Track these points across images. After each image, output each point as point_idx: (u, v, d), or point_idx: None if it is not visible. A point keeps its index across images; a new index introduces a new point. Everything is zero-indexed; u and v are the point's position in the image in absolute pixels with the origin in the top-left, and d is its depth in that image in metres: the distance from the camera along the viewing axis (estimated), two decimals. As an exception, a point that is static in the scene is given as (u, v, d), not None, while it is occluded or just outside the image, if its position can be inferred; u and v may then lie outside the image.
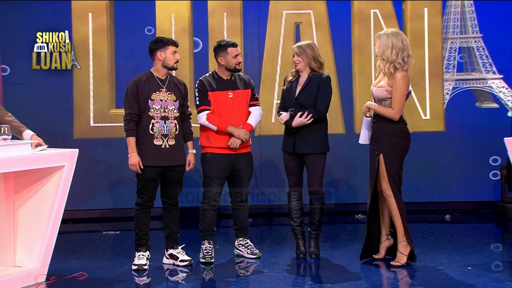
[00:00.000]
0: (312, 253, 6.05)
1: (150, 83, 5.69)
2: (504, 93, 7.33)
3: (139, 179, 5.73)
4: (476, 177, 7.84)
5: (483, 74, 7.36)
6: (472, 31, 7.33)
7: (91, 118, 7.64)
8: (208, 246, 5.98)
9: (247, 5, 7.59)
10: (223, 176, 5.96)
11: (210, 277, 5.70)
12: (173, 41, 5.78)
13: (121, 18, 7.59)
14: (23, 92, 7.63)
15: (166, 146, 5.72)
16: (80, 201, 7.65)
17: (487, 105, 7.45)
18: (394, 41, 5.58)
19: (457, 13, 7.33)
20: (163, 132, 5.71)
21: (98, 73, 7.59)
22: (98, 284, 5.41)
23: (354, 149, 7.57)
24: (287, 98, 5.99)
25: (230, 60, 5.92)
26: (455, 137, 7.60)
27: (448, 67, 7.44)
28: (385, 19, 7.45)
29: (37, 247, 5.35)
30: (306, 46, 5.93)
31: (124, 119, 5.71)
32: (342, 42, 7.45)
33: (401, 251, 5.71)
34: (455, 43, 7.40)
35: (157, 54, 5.72)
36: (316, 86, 5.90)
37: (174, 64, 5.77)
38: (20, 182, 5.37)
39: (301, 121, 5.85)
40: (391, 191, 5.65)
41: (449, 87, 7.45)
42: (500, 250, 6.63)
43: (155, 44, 5.75)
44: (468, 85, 7.45)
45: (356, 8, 7.50)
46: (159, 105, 5.69)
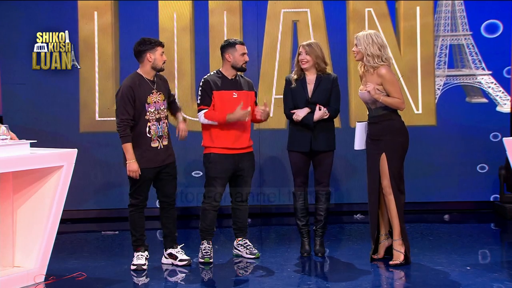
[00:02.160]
0: (318, 251, 6.07)
1: (144, 86, 5.66)
2: (492, 88, 7.55)
3: (134, 181, 5.71)
4: (470, 175, 7.90)
5: (472, 70, 7.60)
6: (462, 29, 7.57)
7: (96, 113, 7.71)
8: (207, 246, 5.98)
9: (246, 4, 7.69)
10: (227, 176, 5.95)
11: (209, 277, 5.70)
12: (160, 42, 5.74)
13: (125, 16, 7.66)
14: (24, 92, 7.66)
15: (161, 146, 5.73)
16: (79, 201, 7.65)
17: (477, 100, 7.66)
18: (374, 38, 5.66)
19: (448, 12, 7.55)
20: (158, 133, 5.72)
21: (103, 70, 7.67)
22: (97, 284, 5.40)
23: (350, 148, 7.57)
24: (298, 97, 5.96)
25: (237, 57, 5.91)
26: (446, 131, 7.73)
27: (440, 63, 7.65)
28: (379, 18, 7.63)
29: (36, 247, 5.34)
30: (315, 45, 5.94)
31: (120, 125, 5.59)
32: (338, 40, 7.59)
33: (397, 249, 5.72)
34: (446, 41, 7.61)
35: (147, 56, 5.66)
36: (328, 86, 5.94)
37: (162, 65, 5.75)
38: (19, 182, 5.36)
39: (322, 114, 5.87)
40: (391, 189, 5.67)
41: (440, 82, 7.64)
42: (499, 250, 6.64)
43: (142, 45, 5.68)
44: (459, 81, 7.66)
45: (351, 7, 7.64)
46: (154, 107, 5.68)
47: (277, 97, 7.63)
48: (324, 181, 6.01)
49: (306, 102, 5.92)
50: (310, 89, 5.93)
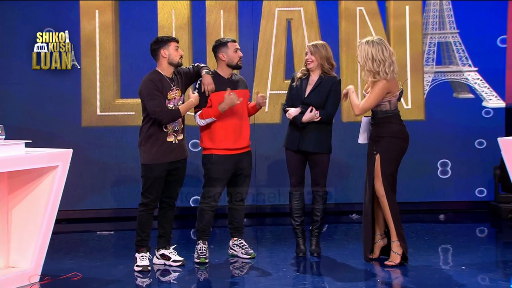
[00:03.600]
0: (314, 252, 6.06)
1: (164, 83, 5.67)
2: (478, 84, 7.79)
3: (146, 178, 5.71)
4: (466, 174, 7.98)
5: (459, 67, 7.85)
6: (450, 27, 7.82)
7: (98, 108, 7.77)
8: (203, 246, 5.97)
9: (242, 3, 7.83)
10: (227, 177, 5.95)
11: (204, 277, 5.70)
12: (173, 38, 5.77)
13: (125, 15, 7.76)
14: (23, 92, 7.69)
15: (176, 141, 5.74)
16: (74, 201, 7.64)
17: (464, 96, 7.89)
18: (374, 53, 5.57)
19: (436, 11, 7.80)
20: (175, 128, 5.73)
21: (103, 66, 7.75)
22: (92, 284, 5.40)
23: (346, 147, 7.60)
24: (296, 96, 5.96)
25: (231, 55, 5.89)
26: (434, 125, 7.91)
27: (428, 60, 7.88)
28: (370, 17, 7.82)
29: (31, 247, 5.33)
30: (321, 45, 5.91)
31: (160, 116, 5.54)
32: (330, 37, 7.71)
33: (394, 250, 5.72)
34: (434, 39, 7.85)
35: (161, 52, 5.68)
36: (327, 88, 5.89)
37: (179, 60, 5.75)
38: (14, 182, 5.35)
39: (312, 116, 5.81)
40: (383, 191, 5.67)
41: (428, 79, 7.87)
42: (494, 250, 6.65)
43: (156, 43, 5.72)
44: (446, 77, 7.89)
45: (343, 5, 7.84)
46: (173, 103, 5.70)
47: (272, 92, 7.76)
48: (320, 182, 5.99)
49: (301, 102, 5.91)
50: (308, 89, 5.92)
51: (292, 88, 6.01)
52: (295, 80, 6.00)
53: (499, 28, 7.84)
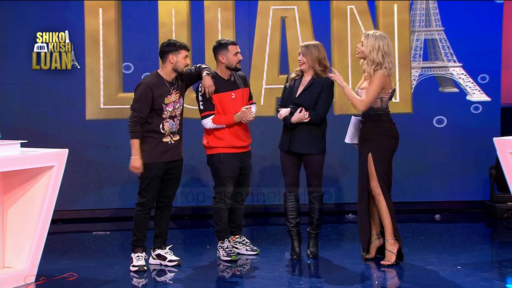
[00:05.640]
0: (311, 253, 6.02)
1: (162, 88, 5.67)
2: (463, 79, 8.10)
3: (143, 177, 5.71)
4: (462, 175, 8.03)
5: (445, 62, 8.15)
6: (436, 25, 8.12)
7: (101, 101, 7.86)
8: (229, 244, 6.01)
9: (238, 2, 8.01)
10: (236, 175, 5.98)
11: (200, 277, 5.69)
12: (185, 46, 5.76)
13: (128, 12, 7.88)
14: (22, 92, 7.68)
15: (172, 141, 5.75)
16: (70, 201, 7.63)
17: (449, 90, 8.17)
18: (381, 44, 5.64)
19: (423, 9, 8.12)
20: (172, 130, 5.74)
21: (107, 62, 7.85)
22: (88, 284, 5.39)
23: (342, 147, 7.61)
24: (288, 97, 5.96)
25: (231, 58, 5.91)
26: (421, 118, 8.11)
27: (415, 56, 8.16)
28: (360, 15, 8.07)
29: (26, 247, 5.32)
30: (313, 46, 5.88)
31: (132, 120, 5.65)
32: (323, 35, 7.94)
33: (389, 249, 5.72)
34: (421, 36, 8.14)
35: (169, 57, 5.69)
36: (318, 89, 5.86)
37: (184, 69, 5.76)
38: (9, 182, 5.34)
39: (301, 117, 5.80)
40: (380, 189, 5.67)
41: (415, 74, 8.13)
42: (490, 250, 6.66)
43: (167, 46, 5.73)
44: (432, 72, 8.17)
45: (335, 4, 8.10)
46: (172, 106, 5.71)
47: (267, 87, 7.98)
48: (314, 183, 5.96)
49: (292, 103, 5.91)
50: (300, 90, 5.91)
51: (286, 89, 6.01)
52: (289, 81, 6.01)
53: (483, 26, 8.06)
